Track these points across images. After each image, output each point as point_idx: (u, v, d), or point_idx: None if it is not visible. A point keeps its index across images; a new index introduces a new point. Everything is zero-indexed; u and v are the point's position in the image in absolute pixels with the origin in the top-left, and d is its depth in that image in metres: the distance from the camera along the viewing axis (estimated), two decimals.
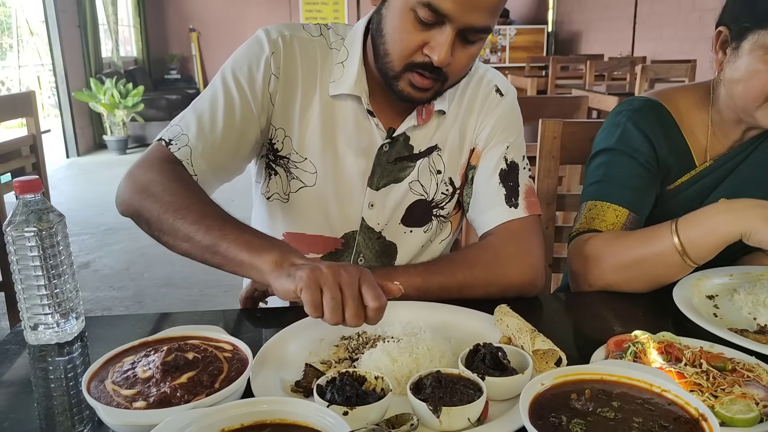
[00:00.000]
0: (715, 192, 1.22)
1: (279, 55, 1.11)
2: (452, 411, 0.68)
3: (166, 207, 0.96)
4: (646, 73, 4.62)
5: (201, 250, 0.93)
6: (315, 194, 1.15)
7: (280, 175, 1.17)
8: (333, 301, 0.77)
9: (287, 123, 1.13)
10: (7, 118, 2.69)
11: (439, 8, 0.94)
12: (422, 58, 1.00)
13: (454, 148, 1.18)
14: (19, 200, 0.89)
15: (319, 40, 1.15)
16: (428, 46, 0.99)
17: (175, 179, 1.01)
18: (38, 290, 0.91)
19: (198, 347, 0.79)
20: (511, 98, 1.21)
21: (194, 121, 1.08)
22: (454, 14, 0.95)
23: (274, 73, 1.10)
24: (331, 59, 1.14)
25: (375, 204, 1.16)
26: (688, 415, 0.65)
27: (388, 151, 1.14)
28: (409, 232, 1.19)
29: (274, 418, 0.66)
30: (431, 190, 1.18)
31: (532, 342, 0.82)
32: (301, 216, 1.16)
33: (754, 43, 1.08)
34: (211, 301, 3.33)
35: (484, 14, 0.97)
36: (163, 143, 1.07)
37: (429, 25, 0.97)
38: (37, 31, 8.86)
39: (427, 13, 0.95)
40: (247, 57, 1.11)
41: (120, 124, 7.67)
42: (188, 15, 10.48)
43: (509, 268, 1.07)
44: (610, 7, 8.40)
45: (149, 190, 0.99)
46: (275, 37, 1.12)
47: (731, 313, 1.02)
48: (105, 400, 0.70)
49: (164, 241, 0.99)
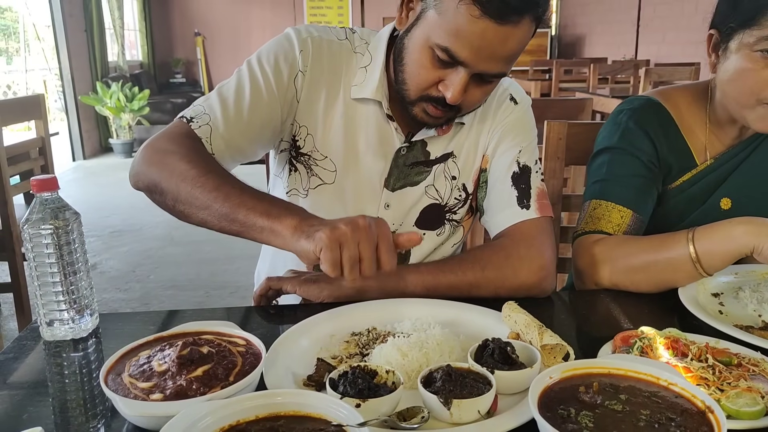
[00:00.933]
0: (718, 191, 1.23)
1: (307, 54, 1.13)
2: (463, 404, 0.69)
3: (184, 175, 0.98)
4: (650, 76, 4.63)
5: (219, 218, 0.95)
6: (333, 191, 1.17)
7: (299, 171, 1.19)
8: (351, 260, 0.84)
9: (310, 121, 1.15)
10: (17, 120, 2.72)
11: (456, 56, 0.97)
12: (437, 93, 1.04)
13: (468, 155, 1.21)
14: (36, 198, 0.91)
15: (344, 43, 1.17)
16: (443, 83, 1.02)
17: (194, 150, 1.03)
18: (54, 287, 0.92)
19: (212, 342, 0.80)
20: (524, 106, 1.23)
21: (218, 103, 1.10)
22: (471, 62, 0.98)
23: (301, 70, 1.13)
24: (354, 62, 1.16)
25: (391, 205, 1.19)
26: (695, 408, 0.66)
27: (405, 154, 1.17)
28: (422, 235, 1.20)
29: (288, 410, 0.67)
30: (445, 195, 1.21)
31: (540, 337, 0.83)
32: (319, 211, 1.17)
33: (740, 42, 1.09)
34: (217, 302, 3.34)
35: (500, 63, 1.00)
36: (184, 120, 1.09)
37: (446, 64, 1.00)
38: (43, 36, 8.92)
39: (444, 55, 0.98)
40: (275, 50, 1.14)
41: (126, 128, 7.71)
42: (193, 19, 10.53)
43: (519, 270, 1.08)
44: (613, 10, 8.42)
45: (167, 159, 1.01)
46: (305, 36, 1.14)
47: (736, 310, 1.03)
48: (122, 393, 0.71)
49: (180, 210, 1.00)
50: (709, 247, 1.04)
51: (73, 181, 6.48)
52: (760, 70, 1.07)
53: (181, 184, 0.97)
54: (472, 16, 0.93)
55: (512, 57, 1.01)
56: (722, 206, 1.23)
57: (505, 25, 0.94)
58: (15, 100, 3.67)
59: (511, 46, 0.98)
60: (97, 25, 7.88)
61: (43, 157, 2.74)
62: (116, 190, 5.78)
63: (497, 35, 0.95)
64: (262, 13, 10.46)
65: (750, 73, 1.08)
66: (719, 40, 1.15)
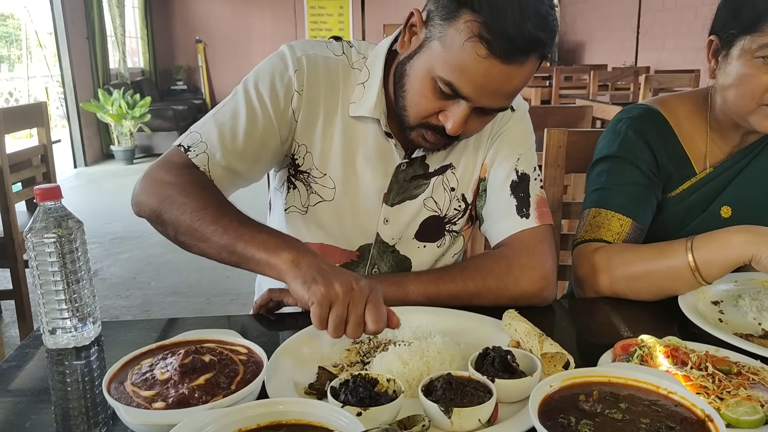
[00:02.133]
0: (718, 199, 1.23)
1: (302, 73, 1.12)
2: (463, 412, 0.70)
3: (184, 208, 0.98)
4: (650, 83, 4.64)
5: (218, 250, 0.96)
6: (333, 208, 1.17)
7: (299, 189, 1.18)
8: (337, 320, 0.85)
9: (309, 139, 1.15)
10: (19, 128, 2.73)
11: (459, 91, 0.97)
12: (436, 122, 1.03)
13: (467, 165, 1.20)
14: (40, 207, 0.92)
15: (341, 59, 1.16)
16: (443, 113, 1.01)
17: (193, 182, 1.03)
18: (57, 295, 0.93)
19: (214, 350, 0.81)
20: (522, 112, 1.22)
21: (215, 129, 1.09)
22: (473, 97, 0.97)
23: (297, 90, 1.11)
24: (352, 79, 1.15)
25: (390, 219, 1.18)
26: (694, 417, 0.67)
27: (405, 170, 1.16)
28: (422, 247, 1.21)
29: (290, 418, 0.68)
30: (444, 207, 1.20)
31: (541, 345, 0.84)
32: (319, 228, 1.18)
33: (741, 48, 1.10)
34: (217, 309, 3.34)
35: (502, 99, 1.00)
36: (181, 149, 1.09)
37: (447, 96, 0.99)
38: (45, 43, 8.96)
39: (447, 88, 0.98)
40: (270, 71, 1.12)
41: (127, 135, 7.73)
42: (195, 27, 10.59)
43: (521, 279, 1.08)
44: (613, 17, 8.45)
45: (166, 191, 1.01)
46: (299, 54, 1.12)
47: (736, 318, 1.03)
48: (125, 401, 0.72)
49: (181, 242, 1.01)
50: (708, 256, 1.04)
51: (75, 188, 6.50)
52: (761, 75, 1.08)
53: (181, 217, 0.98)
54: (479, 55, 0.92)
55: (515, 93, 1.01)
56: (722, 214, 1.24)
57: (511, 65, 0.94)
58: (17, 107, 3.68)
59: (516, 83, 0.98)
60: (99, 33, 7.92)
61: (45, 165, 2.75)
62: (117, 197, 5.80)
63: (502, 74, 0.94)
64: (262, 21, 10.52)
65: (751, 78, 1.09)
66: (719, 46, 1.16)
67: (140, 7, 9.62)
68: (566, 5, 10.32)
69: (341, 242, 1.19)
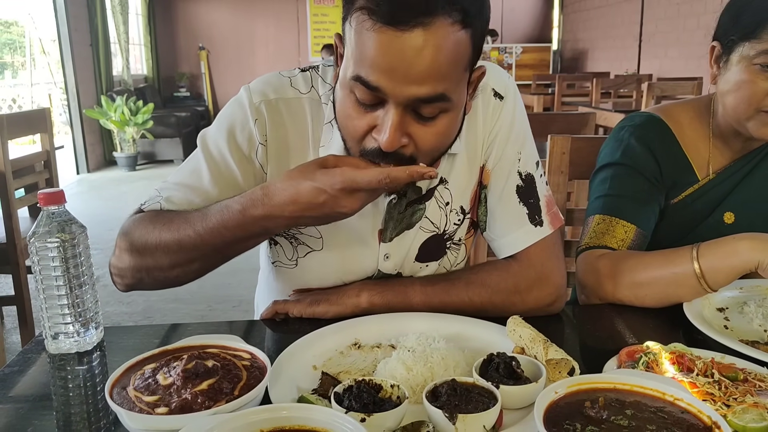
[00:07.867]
0: (721, 205, 1.23)
1: (263, 123, 1.03)
2: (468, 418, 0.69)
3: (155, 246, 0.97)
4: (653, 91, 4.65)
5: (210, 250, 0.95)
6: (324, 257, 1.11)
7: (281, 244, 1.12)
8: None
9: None
10: (23, 134, 2.73)
11: (369, 83, 0.83)
12: (372, 144, 0.89)
13: (462, 174, 1.11)
14: (43, 212, 0.91)
15: (308, 96, 1.06)
16: (375, 129, 0.88)
17: (145, 224, 1.00)
18: (59, 300, 0.93)
19: (217, 356, 0.80)
20: (511, 100, 1.10)
21: (173, 185, 1.05)
22: (388, 87, 0.83)
23: (261, 141, 1.03)
24: (323, 115, 1.05)
25: (391, 254, 1.11)
26: (701, 423, 0.66)
27: (397, 202, 1.07)
28: (424, 267, 1.15)
29: (294, 424, 0.67)
30: (442, 224, 1.13)
31: (545, 352, 0.83)
32: (314, 277, 1.13)
33: (741, 54, 1.11)
34: (219, 316, 3.34)
35: (424, 84, 0.82)
36: (138, 208, 1.07)
37: (370, 107, 0.87)
38: (49, 50, 9.00)
39: (362, 92, 0.85)
40: (229, 122, 1.05)
41: (130, 141, 7.76)
42: (197, 34, 10.63)
43: (527, 298, 1.06)
44: (616, 25, 8.48)
45: (134, 247, 1.00)
46: (257, 102, 1.03)
47: (742, 325, 1.02)
48: (127, 406, 0.71)
49: (175, 275, 1.00)
50: (714, 263, 1.04)
51: (77, 195, 6.51)
52: (759, 82, 1.09)
53: (150, 258, 0.98)
54: (368, 30, 0.80)
55: (439, 71, 0.82)
56: (725, 220, 1.24)
57: (410, 31, 0.79)
58: (21, 113, 3.70)
59: (429, 55, 0.80)
60: (102, 40, 7.96)
61: (47, 171, 2.75)
62: (120, 204, 5.80)
63: (404, 45, 0.79)
64: (265, 28, 10.55)
65: (748, 84, 1.10)
66: (721, 52, 1.16)
67: (143, 15, 9.67)
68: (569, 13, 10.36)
69: (340, 284, 1.13)
